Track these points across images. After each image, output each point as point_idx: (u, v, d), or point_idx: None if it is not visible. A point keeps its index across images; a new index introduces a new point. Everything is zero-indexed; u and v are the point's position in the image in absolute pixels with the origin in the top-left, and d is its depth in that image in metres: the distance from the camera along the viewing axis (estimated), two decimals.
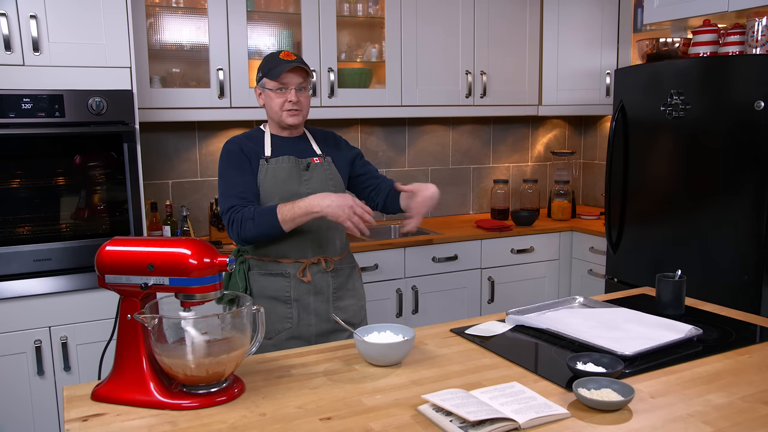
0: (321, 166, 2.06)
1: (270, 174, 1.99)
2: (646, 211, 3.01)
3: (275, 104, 1.99)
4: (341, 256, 2.10)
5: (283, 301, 2.01)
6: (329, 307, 2.05)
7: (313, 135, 2.14)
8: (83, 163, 2.53)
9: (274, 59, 1.99)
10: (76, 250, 2.52)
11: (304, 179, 2.01)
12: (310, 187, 2.00)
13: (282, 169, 2.00)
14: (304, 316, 2.02)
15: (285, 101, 1.98)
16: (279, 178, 1.99)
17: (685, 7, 2.96)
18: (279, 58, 1.98)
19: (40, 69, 2.42)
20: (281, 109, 1.99)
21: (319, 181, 2.03)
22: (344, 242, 2.14)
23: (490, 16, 3.52)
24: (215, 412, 1.30)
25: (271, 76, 1.96)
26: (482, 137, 4.00)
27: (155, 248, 1.34)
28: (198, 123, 3.25)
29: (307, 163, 2.04)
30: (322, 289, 2.03)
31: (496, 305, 3.41)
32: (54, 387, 2.52)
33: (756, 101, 2.49)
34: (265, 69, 1.99)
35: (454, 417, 1.22)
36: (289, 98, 1.97)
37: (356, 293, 2.14)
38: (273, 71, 1.96)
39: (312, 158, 2.06)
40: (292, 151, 2.04)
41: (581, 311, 1.89)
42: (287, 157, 2.01)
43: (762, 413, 1.27)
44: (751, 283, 2.56)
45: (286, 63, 1.95)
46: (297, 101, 1.98)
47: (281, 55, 1.99)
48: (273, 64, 1.98)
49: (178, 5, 3.00)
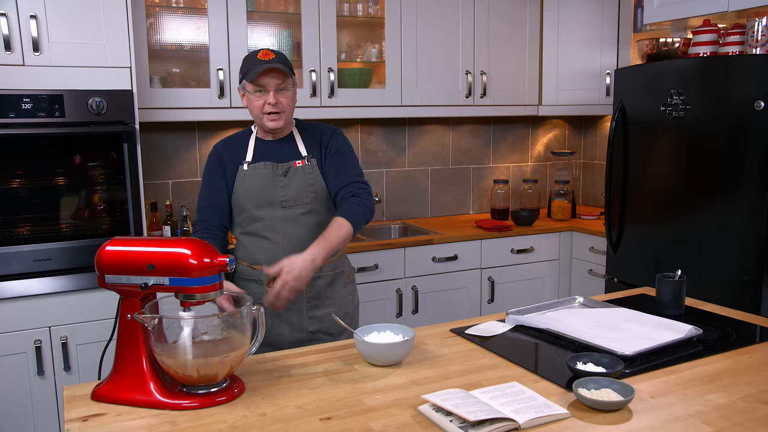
0: (302, 170, 1.97)
1: (247, 181, 1.96)
2: (646, 211, 3.01)
3: (255, 107, 1.92)
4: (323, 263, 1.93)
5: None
6: (303, 318, 1.99)
7: (303, 134, 2.04)
8: (83, 163, 2.53)
9: (251, 60, 1.91)
10: (76, 250, 2.52)
11: (280, 185, 1.95)
12: (285, 194, 1.95)
13: (258, 176, 1.95)
14: (276, 324, 1.98)
15: (264, 104, 1.90)
16: (254, 185, 1.95)
17: (685, 7, 2.96)
18: (256, 59, 1.89)
19: (40, 69, 2.42)
20: (261, 112, 1.92)
21: (296, 186, 1.96)
22: None
23: (490, 16, 3.52)
24: (215, 412, 1.30)
25: (248, 78, 1.89)
26: (482, 137, 4.00)
27: (155, 248, 1.34)
28: (198, 123, 3.25)
29: (286, 168, 1.96)
30: (296, 299, 1.90)
31: (496, 305, 3.41)
32: (54, 387, 2.52)
33: (756, 101, 2.49)
34: (243, 70, 1.93)
35: (454, 417, 1.22)
36: (268, 101, 1.89)
37: (338, 301, 2.04)
38: (249, 73, 1.89)
39: (294, 161, 1.98)
40: (273, 156, 1.98)
41: (581, 311, 1.89)
42: (264, 163, 1.96)
43: (762, 413, 1.27)
44: (751, 283, 2.56)
45: (261, 64, 1.87)
46: (276, 103, 1.90)
47: (259, 54, 1.90)
48: (249, 65, 1.90)
49: (178, 5, 3.00)
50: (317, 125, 2.09)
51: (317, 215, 1.99)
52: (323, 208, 2.00)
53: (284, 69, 1.88)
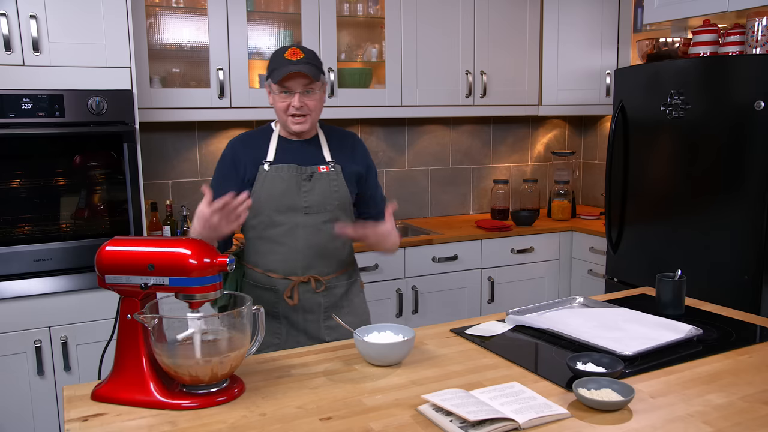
0: (326, 176, 1.88)
1: (267, 184, 1.85)
2: (646, 211, 3.01)
3: (279, 108, 1.85)
4: (337, 273, 1.95)
5: (272, 316, 1.90)
6: (320, 328, 1.93)
7: (328, 137, 1.96)
8: (83, 163, 2.53)
9: (278, 58, 1.82)
10: (76, 250, 2.52)
11: (303, 190, 1.86)
12: (309, 200, 1.86)
13: (280, 179, 1.85)
14: (294, 333, 1.92)
15: (289, 106, 1.82)
16: (276, 188, 1.85)
17: (685, 7, 2.96)
18: (283, 58, 1.80)
19: (40, 69, 2.42)
20: (285, 114, 1.84)
21: (320, 193, 1.87)
22: (344, 257, 1.97)
23: (490, 16, 3.52)
24: (215, 412, 1.30)
25: (273, 79, 1.81)
26: (482, 137, 4.00)
27: (155, 248, 1.34)
28: (198, 123, 3.25)
29: (311, 172, 1.87)
30: (313, 309, 1.90)
31: (496, 305, 3.41)
32: (54, 387, 2.52)
33: (756, 101, 2.49)
34: (270, 68, 1.84)
35: (454, 417, 1.22)
36: (293, 104, 1.81)
37: (353, 309, 1.99)
38: (274, 73, 1.80)
39: (318, 166, 1.89)
40: (297, 158, 1.88)
41: (581, 311, 1.89)
42: (288, 165, 1.86)
43: (762, 413, 1.27)
44: (751, 283, 2.56)
45: (287, 65, 1.78)
46: (301, 106, 1.81)
47: (287, 53, 1.80)
48: (276, 64, 1.81)
49: (178, 5, 3.00)
50: (343, 131, 2.02)
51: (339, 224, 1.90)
52: (345, 216, 1.92)
53: (311, 72, 1.79)
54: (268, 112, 3.09)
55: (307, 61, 1.80)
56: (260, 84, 3.18)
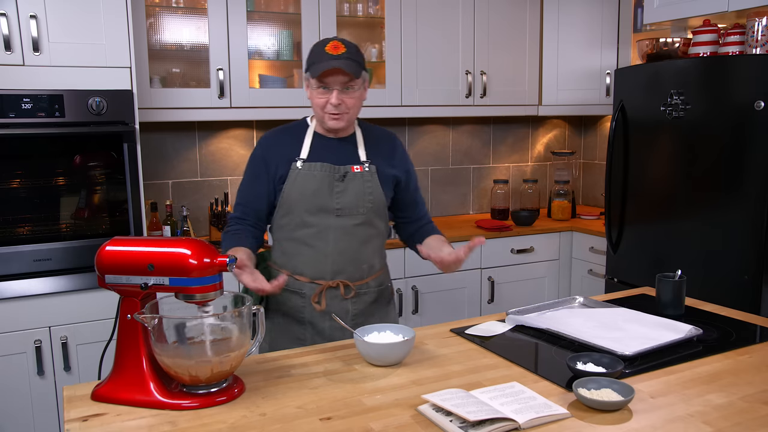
0: (360, 176, 1.80)
1: (299, 182, 1.78)
2: (646, 211, 3.01)
3: (316, 104, 1.76)
4: (367, 279, 1.87)
5: (297, 321, 1.85)
6: (346, 336, 1.81)
7: (365, 136, 1.87)
8: (83, 163, 2.53)
9: (318, 51, 1.72)
10: (76, 250, 2.52)
11: (336, 191, 1.78)
12: (341, 201, 1.78)
13: (313, 178, 1.77)
14: (318, 340, 1.83)
15: (326, 102, 1.74)
16: (308, 188, 1.77)
17: (685, 7, 2.96)
18: (323, 51, 1.70)
19: (40, 69, 2.42)
20: (322, 111, 1.76)
21: (354, 194, 1.79)
22: (376, 263, 1.89)
23: (490, 16, 3.52)
24: (215, 412, 1.30)
25: (312, 73, 1.71)
26: (482, 137, 4.00)
27: (155, 248, 1.34)
28: (198, 123, 3.25)
29: (344, 171, 1.79)
30: (340, 316, 1.78)
31: (496, 305, 3.41)
32: (54, 387, 2.52)
33: (756, 101, 2.49)
34: (309, 61, 1.74)
35: (454, 417, 1.22)
36: (331, 101, 1.72)
37: (383, 318, 1.92)
38: (313, 67, 1.70)
39: (352, 166, 1.81)
40: (331, 156, 1.80)
41: (581, 311, 1.89)
42: (321, 164, 1.79)
43: (762, 413, 1.27)
44: (751, 283, 2.56)
45: (327, 60, 1.68)
46: (339, 104, 1.73)
47: (328, 46, 1.70)
48: (315, 58, 1.71)
49: (178, 5, 3.00)
50: (382, 131, 1.95)
51: (371, 227, 1.84)
52: (379, 220, 1.86)
53: (352, 69, 1.70)
54: (268, 112, 3.10)
55: (348, 56, 1.70)
56: (260, 84, 3.18)
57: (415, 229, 1.98)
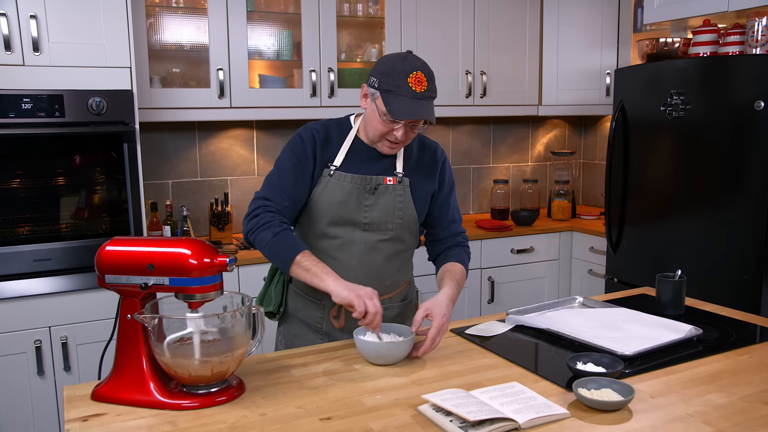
0: (392, 189, 1.71)
1: (328, 191, 1.69)
2: (646, 211, 3.01)
3: (376, 128, 1.64)
4: (391, 294, 1.79)
5: (314, 330, 1.79)
6: None
7: (405, 147, 1.75)
8: (83, 163, 2.53)
9: (399, 80, 1.56)
10: (76, 250, 2.52)
11: (365, 204, 1.69)
12: (369, 216, 1.69)
13: (341, 189, 1.68)
14: None
15: (390, 132, 1.63)
16: (335, 198, 1.68)
17: (685, 7, 2.96)
18: (407, 85, 1.56)
19: (40, 69, 2.42)
20: (381, 137, 1.65)
21: (383, 209, 1.70)
22: (401, 278, 1.81)
23: (490, 16, 3.52)
24: (215, 412, 1.30)
25: (391, 111, 1.57)
26: (482, 137, 4.00)
27: (155, 248, 1.34)
28: (198, 123, 3.25)
29: (375, 184, 1.69)
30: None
31: (496, 305, 3.41)
32: (54, 387, 2.52)
33: (756, 101, 2.49)
34: (386, 84, 1.58)
35: (454, 417, 1.22)
36: (397, 134, 1.62)
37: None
38: (394, 104, 1.56)
39: (385, 177, 1.70)
40: (366, 166, 1.70)
41: (581, 311, 1.89)
42: (353, 175, 1.68)
43: (762, 413, 1.27)
44: (751, 283, 2.56)
45: (411, 98, 1.56)
46: (404, 140, 1.65)
47: (411, 79, 1.56)
48: (395, 88, 1.57)
49: (178, 5, 3.00)
50: (425, 141, 1.83)
51: (400, 243, 1.76)
52: (408, 235, 1.78)
53: (432, 117, 1.59)
54: (268, 112, 3.09)
55: (430, 94, 1.60)
56: (260, 84, 3.18)
57: (441, 251, 1.87)
